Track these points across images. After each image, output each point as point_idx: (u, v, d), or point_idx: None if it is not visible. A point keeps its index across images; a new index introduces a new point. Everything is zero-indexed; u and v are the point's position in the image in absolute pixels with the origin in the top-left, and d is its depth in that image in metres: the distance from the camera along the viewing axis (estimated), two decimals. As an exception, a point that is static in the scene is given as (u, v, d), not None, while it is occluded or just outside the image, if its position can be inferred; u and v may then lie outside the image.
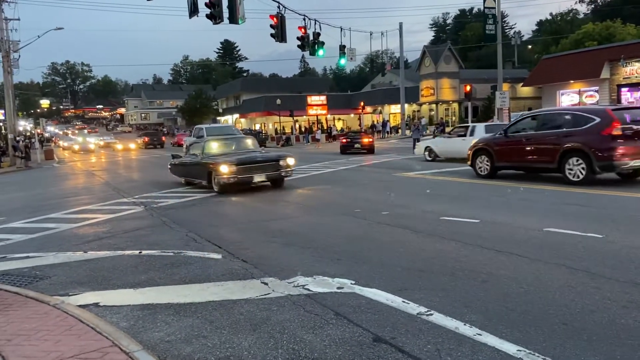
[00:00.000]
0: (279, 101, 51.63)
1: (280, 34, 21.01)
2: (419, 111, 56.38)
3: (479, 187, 12.39)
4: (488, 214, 8.51)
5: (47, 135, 78.45)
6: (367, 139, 28.96)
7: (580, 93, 32.66)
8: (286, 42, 21.32)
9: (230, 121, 76.72)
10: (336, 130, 55.62)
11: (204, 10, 17.38)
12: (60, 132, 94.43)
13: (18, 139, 35.48)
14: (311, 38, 24.14)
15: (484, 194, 11.27)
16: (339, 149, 29.05)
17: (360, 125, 58.41)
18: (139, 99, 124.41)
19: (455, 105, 52.87)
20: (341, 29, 29.34)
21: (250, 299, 4.96)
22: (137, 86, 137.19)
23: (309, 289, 5.11)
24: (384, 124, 54.06)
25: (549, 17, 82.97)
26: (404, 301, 4.62)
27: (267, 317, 4.45)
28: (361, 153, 27.55)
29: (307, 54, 25.49)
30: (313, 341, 3.91)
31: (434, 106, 53.39)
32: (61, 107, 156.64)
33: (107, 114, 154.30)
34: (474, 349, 3.61)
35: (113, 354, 3.74)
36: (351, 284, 5.20)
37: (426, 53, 53.16)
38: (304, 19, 23.43)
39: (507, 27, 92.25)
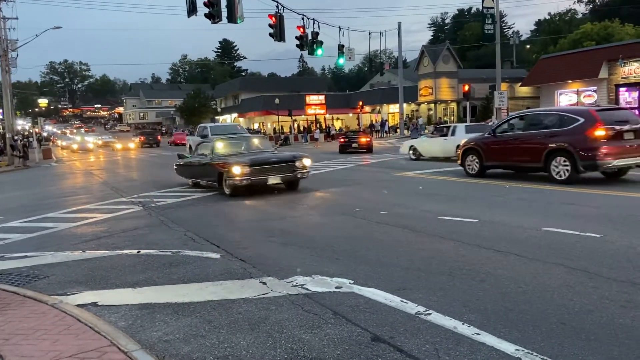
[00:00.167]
0: (277, 100, 51.63)
1: (278, 34, 21.00)
2: (417, 111, 56.40)
3: (474, 186, 12.39)
4: (486, 214, 8.51)
5: (45, 134, 78.28)
6: (365, 138, 29.00)
7: (578, 93, 32.68)
8: (285, 41, 21.34)
9: (228, 120, 76.72)
10: (335, 129, 55.63)
11: (202, 9, 17.42)
12: (59, 132, 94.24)
13: (16, 138, 35.44)
14: (310, 37, 24.15)
15: (481, 193, 11.27)
16: (338, 149, 29.11)
17: (358, 124, 58.43)
18: (137, 98, 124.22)
19: (454, 105, 52.89)
20: (340, 28, 29.42)
21: (248, 298, 4.96)
22: (135, 85, 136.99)
23: (307, 289, 5.11)
24: (382, 123, 54.09)
25: (548, 17, 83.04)
26: (402, 300, 4.62)
27: (265, 317, 4.45)
28: (359, 152, 27.58)
29: (305, 53, 25.46)
30: (311, 340, 3.91)
31: (432, 106, 53.39)
32: (59, 106, 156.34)
33: (106, 113, 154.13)
34: (472, 349, 3.61)
35: (111, 354, 3.74)
36: (350, 283, 5.21)
37: (425, 53, 53.15)
38: (303, 19, 23.45)
39: (505, 27, 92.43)
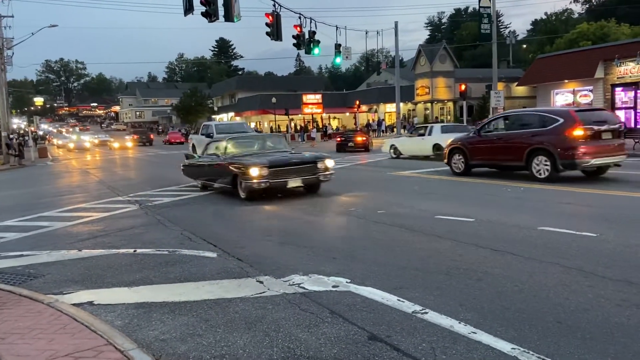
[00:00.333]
0: (274, 100, 51.60)
1: (275, 33, 20.97)
2: (414, 110, 56.46)
3: (469, 185, 12.41)
4: (482, 213, 8.53)
5: (41, 133, 78.02)
6: (361, 137, 29.32)
7: (574, 92, 32.74)
8: (282, 40, 21.32)
9: (225, 119, 76.57)
10: (331, 129, 55.64)
11: (199, 8, 17.38)
12: (54, 130, 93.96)
13: (12, 136, 35.28)
14: (307, 36, 24.10)
15: (476, 192, 11.30)
16: (335, 148, 29.22)
17: (355, 124, 58.45)
18: (133, 97, 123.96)
19: (450, 105, 52.98)
20: (337, 27, 29.29)
21: (245, 297, 4.95)
22: (131, 84, 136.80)
23: (304, 288, 5.11)
24: (379, 122, 54.14)
25: (544, 17, 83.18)
26: (399, 299, 4.63)
27: (262, 316, 4.45)
28: (356, 151, 27.68)
29: (302, 52, 25.44)
30: (308, 339, 3.91)
31: (429, 105, 53.45)
32: (55, 105, 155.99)
33: (102, 112, 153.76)
34: (468, 347, 3.62)
35: (108, 353, 3.73)
36: (347, 282, 5.21)
37: (421, 52, 53.22)
38: (300, 18, 23.41)
39: (502, 27, 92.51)
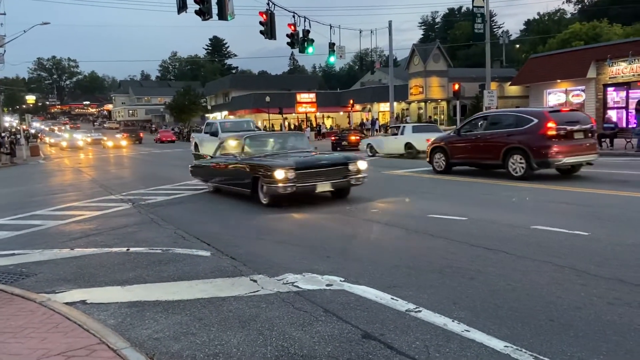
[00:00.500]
0: (268, 98, 51.49)
1: (269, 31, 20.96)
2: (407, 109, 56.53)
3: (463, 184, 12.46)
4: (475, 211, 8.56)
5: (33, 131, 77.48)
6: (354, 137, 29.84)
7: (567, 92, 32.92)
8: (276, 39, 21.33)
9: (219, 118, 76.34)
10: (325, 128, 55.62)
11: (192, 6, 17.35)
12: (47, 129, 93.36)
13: (3, 135, 35.05)
14: (301, 35, 24.10)
15: (469, 191, 11.33)
16: (330, 147, 29.52)
17: (349, 123, 58.46)
18: (126, 96, 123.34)
19: (444, 104, 53.09)
20: (331, 26, 29.27)
21: (239, 296, 4.95)
22: (124, 82, 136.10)
23: (298, 286, 5.11)
24: (373, 122, 54.14)
25: (537, 17, 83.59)
26: (392, 298, 4.64)
27: (256, 314, 4.44)
28: (350, 150, 27.80)
29: (296, 51, 25.47)
30: (302, 338, 3.91)
31: (422, 105, 53.53)
32: (47, 103, 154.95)
33: (94, 110, 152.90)
34: (462, 345, 3.64)
35: (101, 351, 3.71)
36: (340, 281, 5.21)
37: (415, 51, 53.27)
38: (294, 16, 23.41)
39: (495, 27, 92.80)
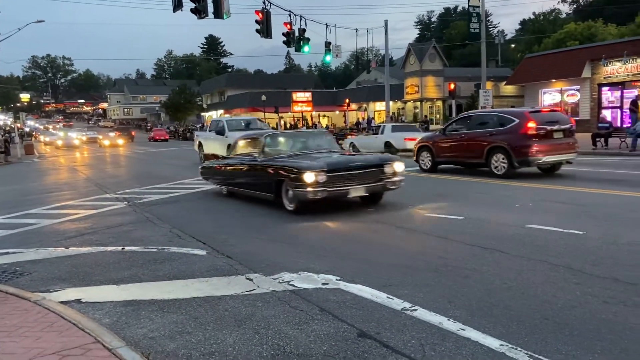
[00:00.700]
0: (264, 97, 51.45)
1: (265, 30, 20.91)
2: (403, 109, 56.60)
3: (457, 183, 12.49)
4: (470, 210, 8.57)
5: (27, 129, 77.10)
6: (350, 136, 30.15)
7: (562, 92, 33.07)
8: (271, 38, 21.30)
9: (215, 117, 76.16)
10: (321, 127, 55.60)
11: (188, 4, 17.28)
12: (41, 127, 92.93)
13: (-3, 133, 34.84)
14: (297, 34, 24.07)
15: (463, 190, 11.35)
16: None
17: (345, 122, 58.45)
18: (121, 94, 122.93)
19: (440, 103, 53.19)
20: (327, 25, 29.24)
21: (235, 295, 4.94)
22: (119, 81, 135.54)
23: (294, 285, 5.11)
24: (368, 121, 54.15)
25: (532, 17, 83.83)
26: (388, 297, 4.64)
27: (252, 313, 4.44)
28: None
29: (292, 50, 25.49)
30: (298, 337, 3.91)
31: (418, 104, 53.61)
32: (42, 101, 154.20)
33: (89, 108, 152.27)
34: (457, 344, 3.64)
35: (96, 351, 3.70)
36: (336, 279, 5.21)
37: (411, 51, 53.35)
38: (290, 15, 23.38)
39: (490, 26, 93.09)
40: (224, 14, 17.20)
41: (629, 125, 23.02)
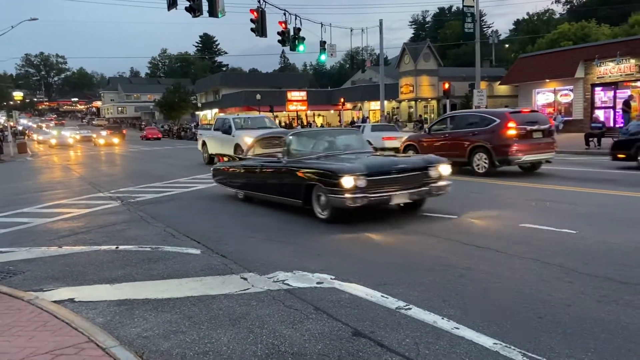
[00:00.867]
0: (258, 96, 51.36)
1: (260, 29, 20.87)
2: (398, 108, 56.68)
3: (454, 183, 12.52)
4: (464, 210, 8.60)
5: (20, 128, 76.60)
6: None
7: (555, 92, 33.20)
8: (266, 36, 21.25)
9: (209, 116, 76.07)
10: (316, 126, 55.58)
11: (183, 3, 17.23)
12: (34, 125, 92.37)
13: (-10, 131, 34.63)
14: (292, 33, 24.02)
15: (459, 189, 11.37)
16: None
17: (340, 121, 58.47)
18: (115, 92, 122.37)
19: (434, 103, 53.28)
20: (322, 24, 29.21)
21: (229, 294, 4.93)
22: (113, 79, 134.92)
23: (288, 284, 5.11)
24: (363, 120, 54.22)
25: (526, 17, 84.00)
26: (383, 296, 4.65)
27: (246, 312, 4.43)
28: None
29: (287, 49, 25.38)
30: (292, 336, 3.91)
31: (413, 103, 53.70)
32: (35, 99, 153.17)
33: (83, 107, 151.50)
34: (451, 343, 3.66)
35: (89, 350, 3.68)
36: (331, 279, 5.22)
37: (406, 50, 53.40)
38: (285, 14, 23.32)
39: (485, 26, 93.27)
40: (218, 12, 17.16)
41: (621, 125, 23.17)
